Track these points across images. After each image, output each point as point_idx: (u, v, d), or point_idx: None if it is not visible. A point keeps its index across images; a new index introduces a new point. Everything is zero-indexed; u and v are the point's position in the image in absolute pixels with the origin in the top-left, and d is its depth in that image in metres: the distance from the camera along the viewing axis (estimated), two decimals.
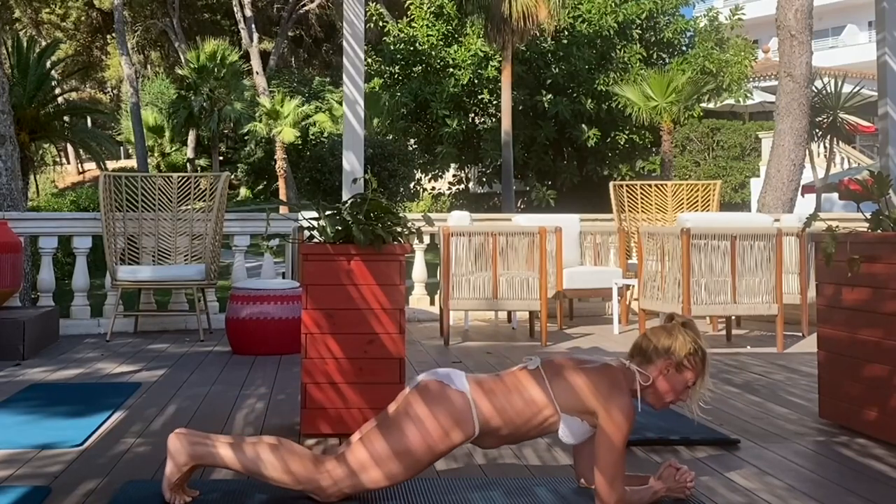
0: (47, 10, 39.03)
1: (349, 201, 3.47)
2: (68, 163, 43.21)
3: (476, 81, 25.74)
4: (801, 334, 6.51)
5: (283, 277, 7.24)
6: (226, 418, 3.88)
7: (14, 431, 3.57)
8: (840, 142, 21.91)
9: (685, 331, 2.61)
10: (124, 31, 33.17)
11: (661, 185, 8.46)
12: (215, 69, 31.33)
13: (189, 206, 7.05)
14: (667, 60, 26.21)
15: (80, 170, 43.48)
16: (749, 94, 25.86)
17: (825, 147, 21.11)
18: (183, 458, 2.59)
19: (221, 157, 34.43)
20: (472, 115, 27.13)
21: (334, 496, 2.59)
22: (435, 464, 3.13)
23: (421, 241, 6.50)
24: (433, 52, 26.04)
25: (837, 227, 3.54)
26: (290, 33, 39.17)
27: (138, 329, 6.96)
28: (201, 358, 5.65)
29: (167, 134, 36.76)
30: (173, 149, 37.57)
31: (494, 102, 25.46)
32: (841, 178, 19.00)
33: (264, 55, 35.53)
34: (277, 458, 2.57)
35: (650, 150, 26.84)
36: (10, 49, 17.58)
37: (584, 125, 25.33)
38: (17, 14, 37.14)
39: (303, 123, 29.15)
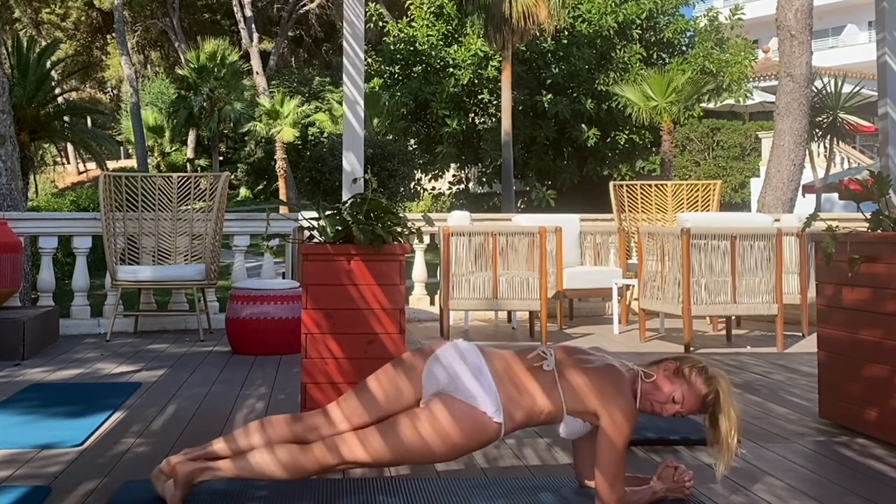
0: (47, 10, 39.05)
1: (349, 201, 3.47)
2: (68, 163, 43.24)
3: (476, 81, 25.74)
4: (801, 334, 6.51)
5: (283, 277, 7.24)
6: (226, 418, 3.88)
7: (14, 431, 3.57)
8: (840, 142, 21.89)
9: (713, 379, 2.60)
10: (124, 31, 33.18)
11: (661, 185, 8.46)
12: (215, 69, 31.35)
13: (189, 206, 7.05)
14: (667, 60, 26.20)
15: (81, 170, 43.52)
16: (749, 94, 25.84)
17: (825, 147, 21.09)
18: (185, 478, 2.57)
19: (221, 157, 34.44)
20: (472, 115, 27.11)
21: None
22: (435, 464, 3.13)
23: (421, 241, 6.50)
24: (433, 52, 26.03)
25: (837, 227, 3.54)
26: (290, 33, 39.18)
27: (138, 329, 6.96)
28: (201, 358, 5.64)
29: (167, 134, 36.80)
30: (173, 149, 37.59)
31: (494, 102, 25.45)
32: (841, 178, 19.01)
33: (264, 55, 35.54)
34: (284, 456, 2.56)
35: (650, 150, 26.83)
36: (10, 49, 17.59)
37: (584, 125, 25.33)
38: (17, 14, 37.17)
39: (302, 123, 29.13)
